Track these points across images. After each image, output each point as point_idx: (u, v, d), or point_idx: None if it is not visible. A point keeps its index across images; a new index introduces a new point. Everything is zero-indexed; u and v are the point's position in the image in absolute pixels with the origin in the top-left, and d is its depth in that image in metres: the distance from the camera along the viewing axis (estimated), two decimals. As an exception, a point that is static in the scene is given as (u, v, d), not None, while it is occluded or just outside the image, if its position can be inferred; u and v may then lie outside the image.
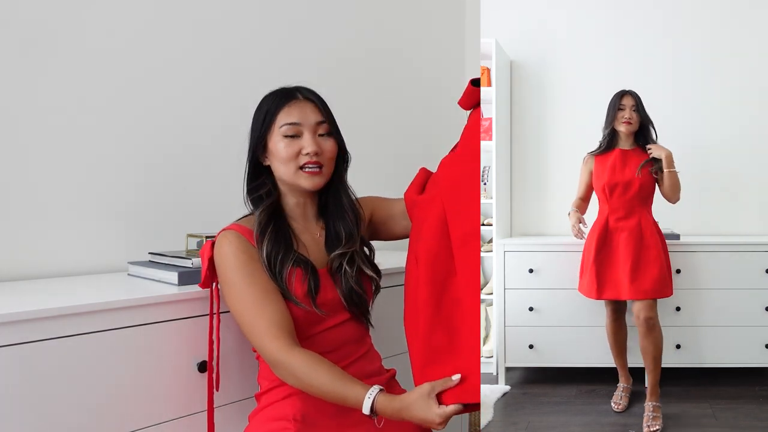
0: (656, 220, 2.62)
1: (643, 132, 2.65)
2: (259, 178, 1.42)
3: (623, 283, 2.54)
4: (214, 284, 1.38)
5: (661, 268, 2.54)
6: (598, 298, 2.56)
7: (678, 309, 2.77)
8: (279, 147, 1.36)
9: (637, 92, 2.65)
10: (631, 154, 2.66)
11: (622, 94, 2.65)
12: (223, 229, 1.36)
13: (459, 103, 1.52)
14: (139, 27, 1.89)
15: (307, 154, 1.34)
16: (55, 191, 1.71)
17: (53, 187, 1.71)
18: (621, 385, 2.74)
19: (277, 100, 1.38)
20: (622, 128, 2.62)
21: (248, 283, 1.29)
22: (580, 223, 2.72)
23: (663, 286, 2.54)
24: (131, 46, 1.87)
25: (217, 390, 1.38)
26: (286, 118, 1.36)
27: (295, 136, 1.35)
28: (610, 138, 2.65)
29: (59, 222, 1.71)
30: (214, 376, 1.38)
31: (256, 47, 2.19)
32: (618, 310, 2.68)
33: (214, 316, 1.38)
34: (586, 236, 2.66)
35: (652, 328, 2.54)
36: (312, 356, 1.25)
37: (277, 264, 1.31)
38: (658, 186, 2.61)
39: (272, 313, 1.27)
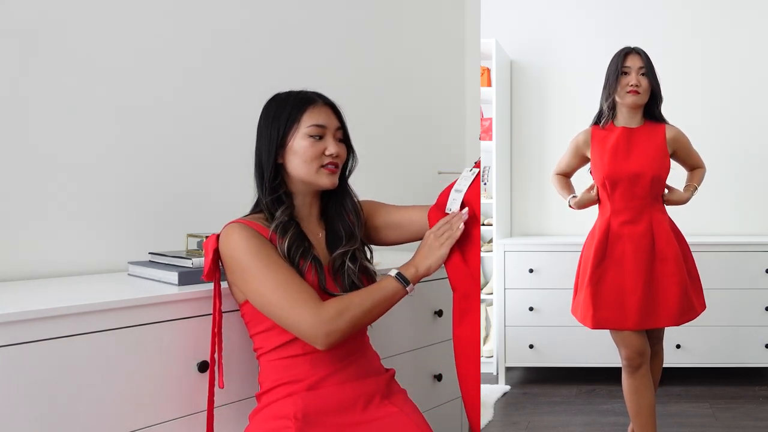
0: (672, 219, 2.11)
1: (653, 103, 2.02)
2: (277, 178, 1.42)
3: (630, 308, 1.96)
4: (214, 281, 1.37)
5: (683, 285, 1.97)
6: (594, 327, 1.99)
7: (678, 309, 2.78)
8: (303, 146, 1.38)
9: (645, 50, 2.02)
10: (639, 134, 2.01)
11: (626, 53, 1.99)
12: (228, 223, 1.36)
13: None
14: (141, 27, 1.88)
15: (330, 155, 1.38)
16: (55, 191, 1.71)
17: (53, 187, 1.71)
18: None
19: (300, 102, 1.40)
20: (627, 100, 1.97)
21: (266, 264, 1.29)
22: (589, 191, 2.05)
23: (686, 309, 1.99)
24: (132, 46, 1.86)
25: (221, 387, 1.38)
26: (312, 119, 1.38)
27: (319, 137, 1.39)
28: (612, 112, 2.03)
29: (59, 222, 1.71)
30: (216, 369, 1.37)
31: (255, 49, 2.19)
32: (638, 350, 1.97)
33: (217, 310, 1.37)
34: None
35: (658, 352, 2.14)
36: (337, 297, 1.31)
37: (297, 257, 1.33)
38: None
39: (299, 286, 1.28)
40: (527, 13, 3.32)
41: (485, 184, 3.19)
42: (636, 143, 2.00)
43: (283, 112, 1.40)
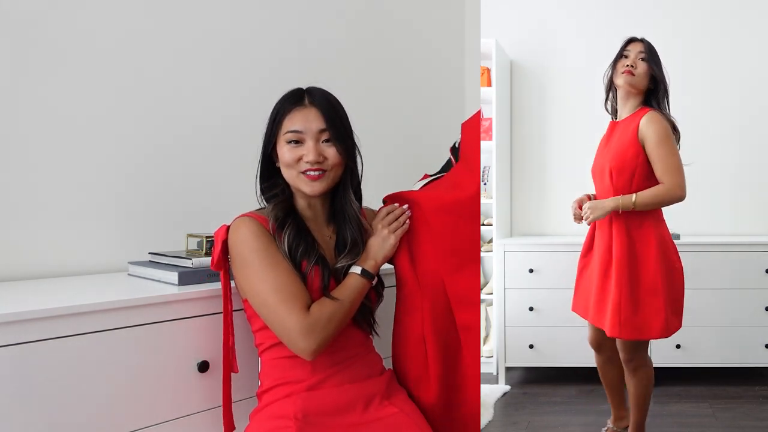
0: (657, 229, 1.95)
1: (654, 95, 1.96)
2: (271, 178, 1.43)
3: (590, 302, 2.04)
4: (223, 271, 1.37)
5: (616, 298, 1.90)
6: (572, 309, 2.16)
7: (678, 309, 2.78)
8: (283, 151, 1.37)
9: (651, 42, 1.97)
10: (621, 125, 1.98)
11: (629, 40, 1.99)
12: (239, 216, 1.36)
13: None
14: (140, 27, 1.88)
15: (308, 162, 1.35)
16: (55, 191, 1.71)
17: (53, 187, 1.71)
18: (609, 425, 2.31)
19: (285, 104, 1.39)
20: (620, 80, 1.94)
21: (270, 263, 1.29)
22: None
23: (623, 323, 1.90)
24: (132, 46, 1.86)
25: (237, 371, 1.38)
26: (290, 124, 1.37)
27: (298, 142, 1.37)
28: (611, 95, 2.02)
29: (59, 222, 1.71)
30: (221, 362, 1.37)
31: (255, 48, 2.19)
32: (593, 341, 2.15)
33: (229, 299, 1.37)
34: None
35: (634, 371, 2.06)
36: (315, 303, 1.31)
37: (298, 255, 1.33)
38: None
39: (297, 290, 1.28)
40: (527, 13, 3.32)
41: (485, 184, 3.19)
42: (615, 135, 1.98)
43: (272, 115, 1.41)
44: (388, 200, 1.52)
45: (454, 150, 1.57)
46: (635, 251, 1.92)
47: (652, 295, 1.90)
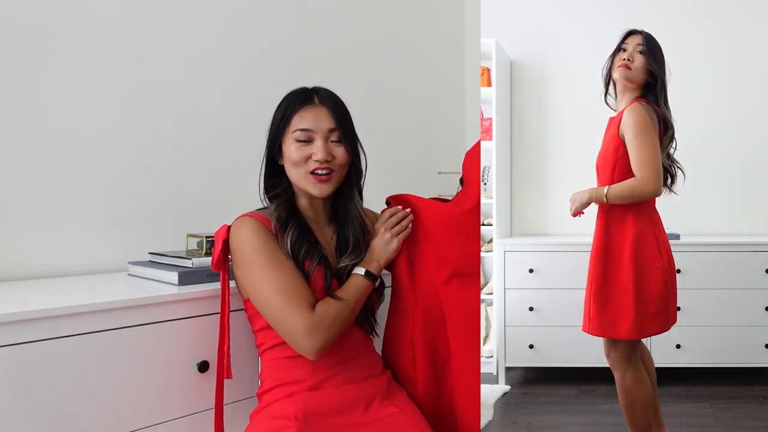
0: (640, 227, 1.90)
1: (652, 89, 1.89)
2: (275, 176, 1.43)
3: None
4: (222, 272, 1.37)
5: (588, 295, 1.92)
6: None
7: (678, 309, 2.78)
8: (291, 150, 1.37)
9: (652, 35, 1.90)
10: (612, 120, 1.95)
11: (629, 32, 1.94)
12: (241, 216, 1.36)
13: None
14: (139, 27, 1.88)
15: (317, 161, 1.35)
16: (55, 191, 1.71)
17: (53, 188, 1.71)
18: None
19: (294, 103, 1.39)
20: (616, 74, 1.90)
21: (273, 263, 1.29)
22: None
23: (592, 319, 1.89)
24: (131, 46, 1.86)
25: (230, 377, 1.37)
26: (299, 123, 1.37)
27: (307, 141, 1.36)
28: (610, 88, 1.99)
29: (59, 222, 1.71)
30: (224, 361, 1.37)
31: (256, 49, 2.19)
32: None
33: (226, 301, 1.36)
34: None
35: (612, 368, 1.99)
36: (320, 302, 1.31)
37: (301, 256, 1.33)
38: None
39: (301, 290, 1.29)
40: (527, 13, 3.32)
41: (485, 184, 3.19)
42: (606, 131, 1.97)
43: (279, 113, 1.40)
44: (392, 201, 1.53)
45: (461, 181, 1.59)
46: (611, 247, 1.89)
47: (622, 293, 1.87)
